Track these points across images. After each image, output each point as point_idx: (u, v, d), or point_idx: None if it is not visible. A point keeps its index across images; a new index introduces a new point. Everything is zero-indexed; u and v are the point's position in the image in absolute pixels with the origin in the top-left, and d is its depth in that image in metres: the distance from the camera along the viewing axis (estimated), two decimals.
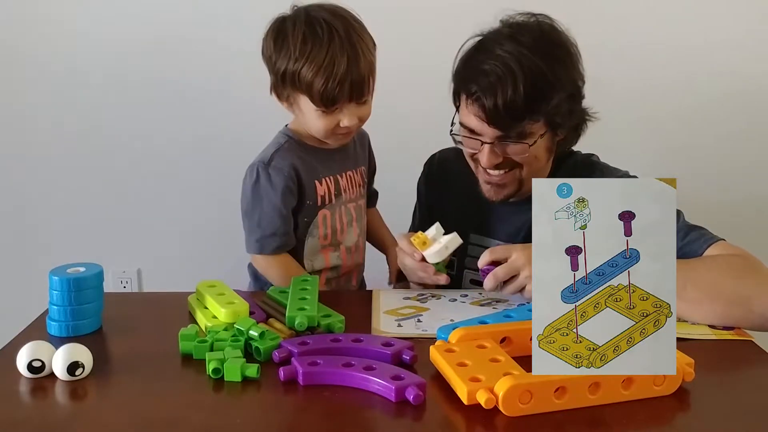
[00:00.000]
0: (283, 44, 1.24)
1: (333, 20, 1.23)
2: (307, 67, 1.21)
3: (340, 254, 1.37)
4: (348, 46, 1.21)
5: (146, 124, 2.08)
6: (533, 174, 1.27)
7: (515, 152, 1.24)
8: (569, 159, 1.36)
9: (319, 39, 1.21)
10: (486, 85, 1.19)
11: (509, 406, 0.81)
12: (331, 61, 1.20)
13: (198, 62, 2.01)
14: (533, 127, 1.21)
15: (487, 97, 1.18)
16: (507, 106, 1.17)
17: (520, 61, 1.17)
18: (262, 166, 1.30)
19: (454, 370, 0.87)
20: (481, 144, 1.24)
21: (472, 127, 1.24)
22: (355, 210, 1.39)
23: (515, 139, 1.21)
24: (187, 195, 2.11)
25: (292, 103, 1.29)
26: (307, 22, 1.23)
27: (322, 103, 1.23)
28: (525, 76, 1.17)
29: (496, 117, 1.19)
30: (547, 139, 1.25)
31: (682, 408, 0.86)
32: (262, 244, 1.30)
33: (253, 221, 1.31)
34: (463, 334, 0.95)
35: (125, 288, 2.19)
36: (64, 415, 0.89)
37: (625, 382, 0.85)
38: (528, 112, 1.19)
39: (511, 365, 0.88)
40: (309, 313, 1.05)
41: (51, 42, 2.04)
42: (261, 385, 0.91)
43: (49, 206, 2.14)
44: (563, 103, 1.21)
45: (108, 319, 1.10)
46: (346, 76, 1.21)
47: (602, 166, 1.35)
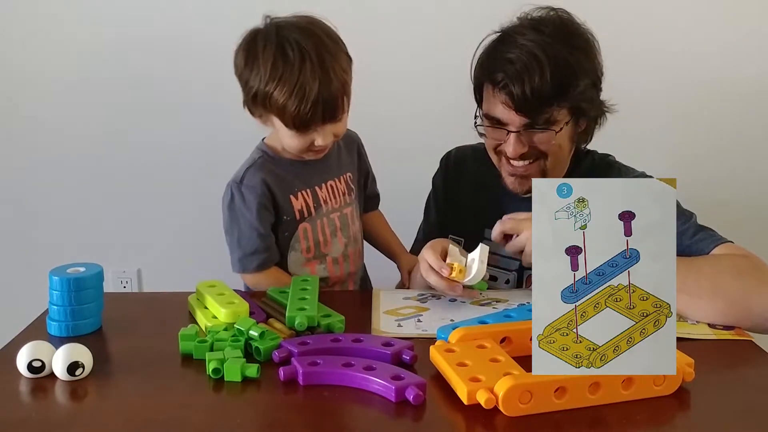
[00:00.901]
0: (253, 64, 1.22)
1: (304, 41, 1.20)
2: (278, 91, 1.19)
3: (326, 266, 1.35)
4: (319, 70, 1.18)
5: (146, 123, 2.08)
6: (556, 165, 1.30)
7: (541, 141, 1.25)
8: (586, 158, 1.38)
9: (290, 63, 1.18)
10: (513, 72, 1.21)
11: (509, 406, 0.81)
12: (302, 86, 1.17)
13: (198, 62, 2.01)
14: (559, 115, 1.24)
15: (514, 84, 1.20)
16: (534, 93, 1.20)
17: (544, 49, 1.20)
18: (235, 185, 1.29)
19: (454, 370, 0.87)
20: (507, 133, 1.25)
21: (498, 117, 1.26)
22: (340, 219, 1.36)
23: (542, 126, 1.23)
24: (188, 195, 2.11)
25: (265, 120, 1.27)
26: (278, 43, 1.20)
27: (294, 127, 1.22)
28: (550, 63, 1.20)
29: (524, 104, 1.21)
30: (570, 128, 1.28)
31: (682, 408, 0.86)
32: (244, 264, 1.30)
33: (233, 240, 1.31)
34: (463, 334, 0.95)
35: (125, 288, 2.19)
36: (64, 415, 0.89)
37: (625, 382, 0.85)
38: (555, 97, 1.21)
39: (511, 365, 0.88)
40: (309, 313, 1.05)
41: (51, 41, 2.04)
42: (261, 385, 0.91)
43: (49, 206, 2.14)
44: (587, 89, 1.24)
45: (108, 319, 1.10)
46: (318, 100, 1.18)
47: (619, 165, 1.37)
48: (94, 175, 2.12)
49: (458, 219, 1.45)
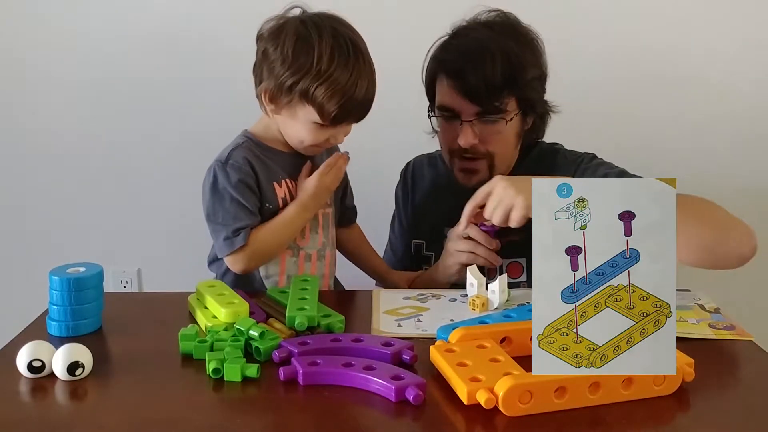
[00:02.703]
0: (304, 54, 1.17)
1: (357, 40, 1.20)
2: (328, 85, 1.17)
3: (297, 260, 1.31)
4: (369, 70, 1.20)
5: (146, 123, 2.08)
6: (503, 160, 1.38)
7: (492, 131, 1.33)
8: (534, 148, 1.46)
9: (345, 57, 1.17)
10: (465, 62, 1.30)
11: (509, 406, 0.81)
12: (354, 84, 1.17)
13: (199, 62, 2.01)
14: (508, 105, 1.32)
15: (467, 73, 1.29)
16: (486, 81, 1.28)
17: (495, 42, 1.30)
18: (219, 165, 1.25)
19: (454, 370, 0.87)
20: (461, 123, 1.32)
21: (451, 106, 1.34)
22: (323, 217, 1.34)
23: (493, 116, 1.31)
24: (188, 195, 2.09)
25: (284, 109, 1.23)
26: (335, 36, 1.18)
27: (330, 121, 1.20)
28: (500, 54, 1.29)
29: (476, 92, 1.29)
30: (517, 123, 1.36)
31: (682, 408, 0.86)
32: (232, 242, 1.23)
33: (217, 222, 1.25)
34: (463, 334, 0.95)
35: (125, 288, 2.19)
36: (64, 415, 0.89)
37: (625, 382, 0.85)
38: (504, 86, 1.29)
39: (511, 365, 0.88)
40: (309, 313, 1.05)
41: (51, 41, 2.03)
42: (261, 385, 0.91)
43: (49, 206, 2.14)
44: (534, 82, 1.34)
45: (108, 319, 1.10)
46: (362, 99, 1.19)
47: (564, 151, 1.44)
48: (94, 174, 2.12)
49: (419, 223, 1.53)
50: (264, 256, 1.27)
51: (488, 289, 1.15)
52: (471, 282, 1.16)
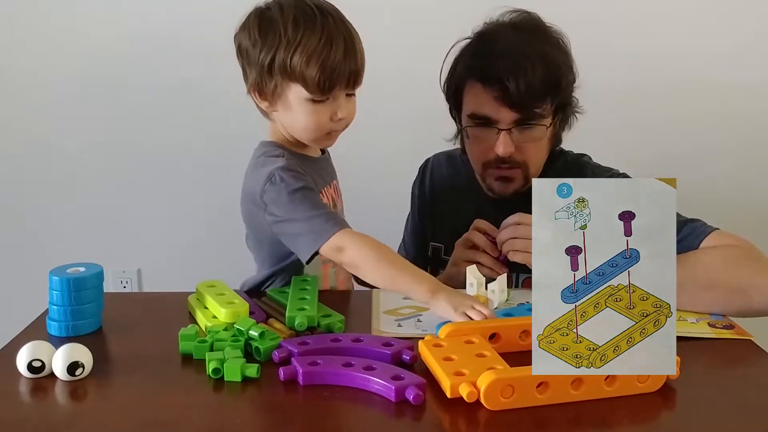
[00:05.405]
0: (269, 31, 1.14)
1: (323, 4, 1.16)
2: (300, 51, 1.11)
3: (336, 270, 1.26)
4: (343, 27, 1.14)
5: (146, 123, 2.08)
6: (536, 167, 1.32)
7: (529, 138, 1.26)
8: (560, 158, 1.39)
9: (311, 20, 1.12)
10: (504, 67, 1.22)
11: (491, 400, 0.81)
12: (328, 42, 1.11)
13: (198, 62, 2.01)
14: (545, 111, 1.25)
15: (509, 79, 1.21)
16: (529, 87, 1.21)
17: (530, 45, 1.23)
18: (279, 170, 1.15)
19: (440, 364, 0.87)
20: (498, 132, 1.26)
21: (488, 115, 1.26)
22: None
23: (533, 120, 1.25)
24: (188, 195, 2.11)
25: (276, 100, 1.17)
26: (297, 5, 1.14)
27: (318, 89, 1.13)
28: (539, 58, 1.22)
29: (518, 98, 1.22)
30: (552, 129, 1.29)
31: (681, 408, 0.86)
32: (319, 235, 1.09)
33: (296, 222, 1.12)
34: (452, 329, 0.96)
35: (125, 288, 2.19)
36: (64, 415, 0.89)
37: (608, 378, 0.84)
38: (546, 92, 1.23)
39: (496, 360, 0.88)
40: (309, 313, 1.05)
41: (51, 41, 2.04)
42: (261, 385, 0.91)
43: (49, 206, 2.14)
44: (570, 86, 1.27)
45: (108, 319, 1.10)
46: (345, 58, 1.13)
47: (593, 165, 1.38)
48: (94, 175, 2.12)
49: (437, 226, 1.47)
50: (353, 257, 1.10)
51: (488, 288, 1.15)
52: (471, 282, 1.16)
